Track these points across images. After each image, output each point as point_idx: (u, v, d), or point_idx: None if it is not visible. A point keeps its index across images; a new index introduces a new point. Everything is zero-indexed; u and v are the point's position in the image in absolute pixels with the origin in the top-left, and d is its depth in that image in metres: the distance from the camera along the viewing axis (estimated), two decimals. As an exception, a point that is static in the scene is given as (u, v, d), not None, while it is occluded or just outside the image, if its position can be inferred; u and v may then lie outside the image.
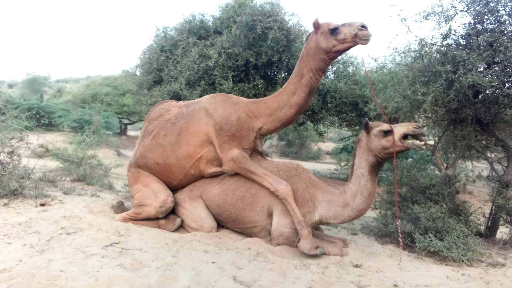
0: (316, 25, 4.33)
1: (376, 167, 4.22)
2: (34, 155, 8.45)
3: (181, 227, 4.88)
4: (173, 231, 4.71)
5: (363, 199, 4.23)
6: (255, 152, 5.04)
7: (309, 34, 4.54)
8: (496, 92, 4.91)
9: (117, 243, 3.92)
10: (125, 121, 25.73)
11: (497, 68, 4.76)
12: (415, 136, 3.99)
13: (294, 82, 4.59)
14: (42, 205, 5.07)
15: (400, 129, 4.01)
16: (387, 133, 4.05)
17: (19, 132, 6.33)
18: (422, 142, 3.97)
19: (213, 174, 4.99)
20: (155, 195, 4.86)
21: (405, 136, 3.99)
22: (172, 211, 5.04)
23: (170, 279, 3.15)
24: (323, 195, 4.48)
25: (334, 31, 4.17)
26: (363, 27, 4.01)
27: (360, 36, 4.00)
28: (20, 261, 3.23)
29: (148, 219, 4.84)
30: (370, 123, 4.29)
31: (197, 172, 5.00)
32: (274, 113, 4.76)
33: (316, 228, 4.82)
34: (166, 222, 4.81)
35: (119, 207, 5.32)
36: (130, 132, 27.36)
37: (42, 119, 18.96)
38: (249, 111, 4.87)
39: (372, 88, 5.67)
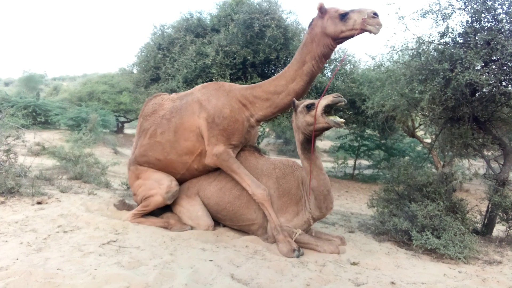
0: (322, 10, 4.15)
1: (306, 144, 4.15)
2: (31, 153, 8.41)
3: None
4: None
5: (308, 178, 4.21)
6: (252, 149, 5.03)
7: (312, 20, 4.32)
8: (493, 90, 4.92)
9: (114, 241, 3.91)
10: (122, 119, 25.68)
11: (494, 66, 4.77)
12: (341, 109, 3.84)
13: (295, 68, 4.43)
14: (39, 203, 5.05)
15: (322, 102, 3.88)
16: (310, 107, 3.98)
17: (15, 130, 6.30)
18: (342, 120, 3.86)
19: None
20: (159, 183, 4.85)
21: (329, 111, 3.90)
22: (170, 209, 5.04)
23: (168, 277, 3.14)
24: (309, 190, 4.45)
25: (344, 16, 3.99)
26: (375, 14, 3.83)
27: (371, 24, 3.83)
28: (17, 259, 3.22)
29: (155, 213, 4.89)
30: (297, 101, 4.23)
31: (200, 167, 4.94)
32: (271, 97, 4.61)
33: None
34: (175, 223, 4.76)
35: (124, 205, 5.34)
36: (127, 130, 27.29)
37: (39, 117, 18.87)
38: (243, 97, 4.72)
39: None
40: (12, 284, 2.74)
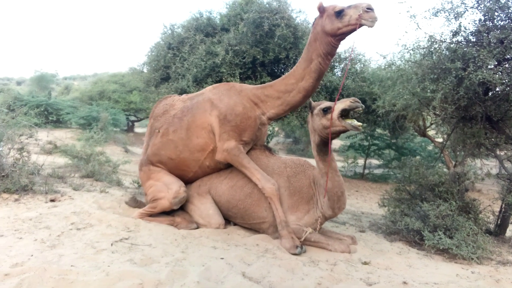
0: (321, 9, 4.21)
1: (322, 146, 4.16)
2: (43, 152, 8.49)
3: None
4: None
5: (324, 180, 4.22)
6: (263, 148, 5.05)
7: (315, 19, 4.39)
8: (507, 89, 4.87)
9: (126, 239, 3.95)
10: (132, 118, 25.84)
11: (507, 65, 4.72)
12: (355, 116, 3.82)
13: (303, 67, 4.48)
14: (52, 200, 5.12)
15: (339, 105, 3.87)
16: (326, 111, 3.99)
17: (28, 129, 6.38)
18: (360, 123, 3.84)
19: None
20: (168, 187, 4.89)
21: (346, 115, 3.89)
22: (181, 207, 5.07)
23: (180, 274, 3.16)
24: (321, 189, 4.45)
25: (339, 13, 4.01)
26: (369, 8, 3.82)
27: (365, 18, 3.82)
28: (32, 255, 3.27)
29: (164, 212, 4.90)
30: (313, 103, 4.26)
31: (212, 164, 4.99)
32: (282, 96, 4.68)
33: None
34: (181, 221, 4.78)
35: (136, 202, 5.40)
36: (137, 129, 27.48)
37: (51, 116, 19.12)
38: (255, 96, 4.81)
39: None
40: (27, 280, 2.78)
